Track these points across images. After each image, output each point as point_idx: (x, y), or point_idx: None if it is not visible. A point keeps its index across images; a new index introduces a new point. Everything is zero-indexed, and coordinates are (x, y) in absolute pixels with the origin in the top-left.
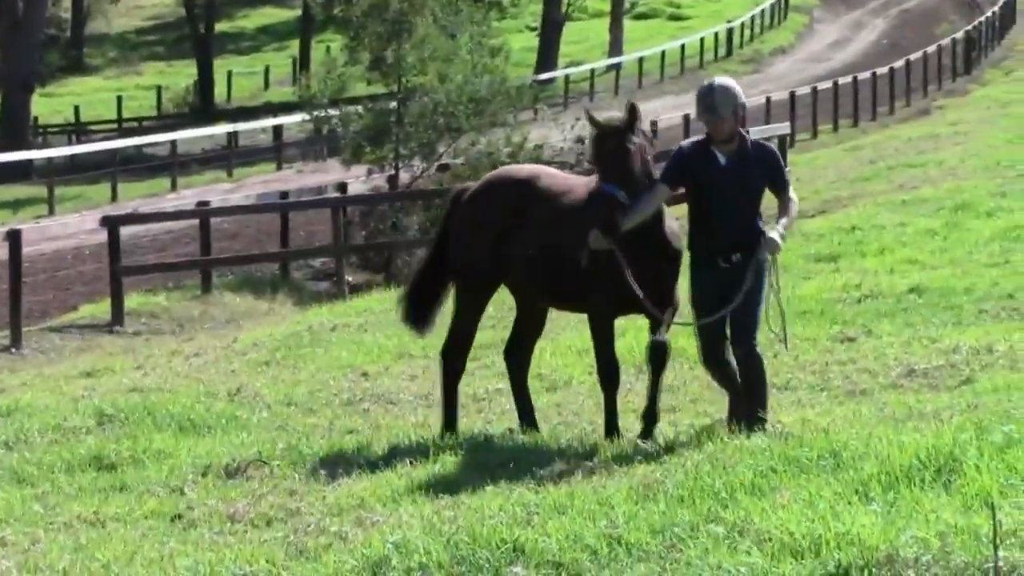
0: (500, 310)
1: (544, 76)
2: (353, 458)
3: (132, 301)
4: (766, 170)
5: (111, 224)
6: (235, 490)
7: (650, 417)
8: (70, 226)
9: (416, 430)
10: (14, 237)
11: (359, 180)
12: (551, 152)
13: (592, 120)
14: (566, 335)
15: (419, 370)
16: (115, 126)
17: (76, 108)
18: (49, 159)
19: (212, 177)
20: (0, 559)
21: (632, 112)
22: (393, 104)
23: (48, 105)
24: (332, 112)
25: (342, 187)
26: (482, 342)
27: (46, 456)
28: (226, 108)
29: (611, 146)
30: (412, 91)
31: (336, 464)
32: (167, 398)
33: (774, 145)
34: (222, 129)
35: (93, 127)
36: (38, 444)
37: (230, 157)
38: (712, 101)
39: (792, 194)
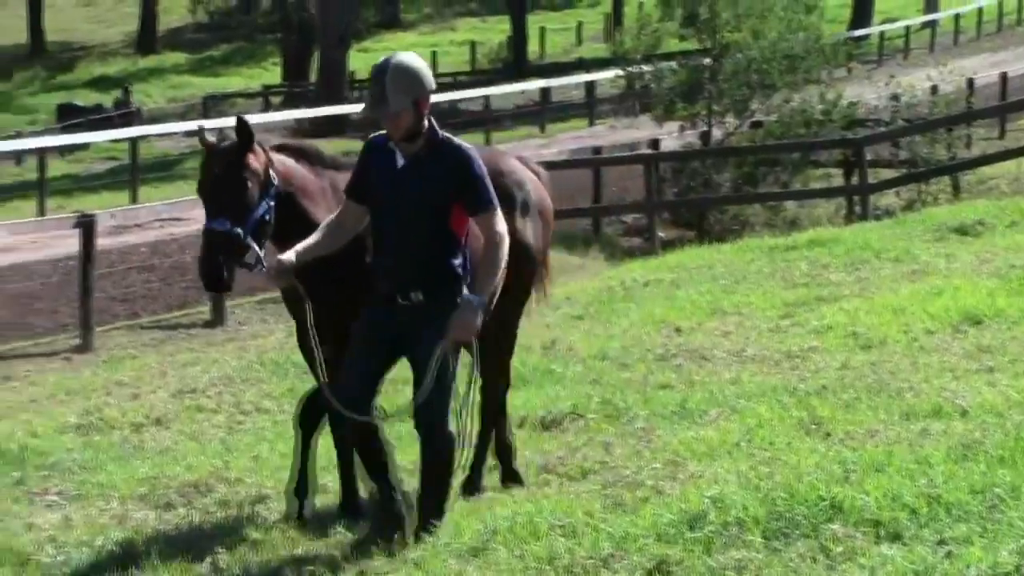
0: None
1: (858, 33)
2: (667, 412)
3: None
4: (452, 181)
5: None
6: (551, 442)
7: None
8: None
9: (730, 386)
10: None
11: (671, 136)
12: (866, 110)
13: (201, 140)
14: (880, 294)
15: (732, 326)
16: None
17: None
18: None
19: (525, 132)
20: (320, 506)
21: (242, 130)
22: (707, 60)
23: (364, 60)
24: (645, 68)
25: (654, 143)
26: (794, 300)
27: None
28: (539, 64)
29: (219, 170)
30: (726, 48)
31: (650, 418)
32: None
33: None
34: (535, 85)
35: None
36: None
37: (543, 112)
38: (382, 89)
39: (498, 225)
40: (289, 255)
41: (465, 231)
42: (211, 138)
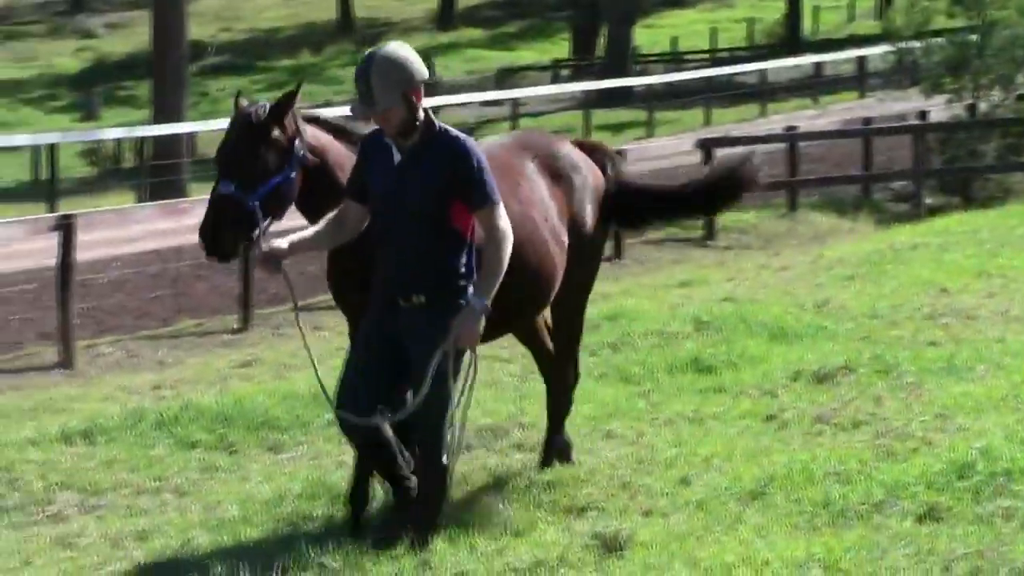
0: None
1: None
2: (935, 368)
3: (723, 217)
4: (450, 174)
5: (706, 146)
6: (824, 394)
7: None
8: (667, 147)
9: (995, 344)
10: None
11: (938, 108)
12: None
13: (234, 104)
14: None
15: (997, 288)
16: (708, 56)
17: (673, 39)
18: (648, 86)
19: (798, 104)
20: (610, 450)
21: (280, 101)
22: (974, 37)
23: (648, 36)
24: (915, 44)
25: (922, 115)
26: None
27: (649, 357)
28: (812, 40)
29: (235, 136)
30: (993, 24)
31: (918, 373)
32: (758, 307)
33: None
34: (808, 59)
35: (688, 56)
36: (641, 346)
37: (815, 85)
38: (368, 87)
39: (500, 221)
40: (282, 243)
41: (470, 228)
42: (244, 103)
